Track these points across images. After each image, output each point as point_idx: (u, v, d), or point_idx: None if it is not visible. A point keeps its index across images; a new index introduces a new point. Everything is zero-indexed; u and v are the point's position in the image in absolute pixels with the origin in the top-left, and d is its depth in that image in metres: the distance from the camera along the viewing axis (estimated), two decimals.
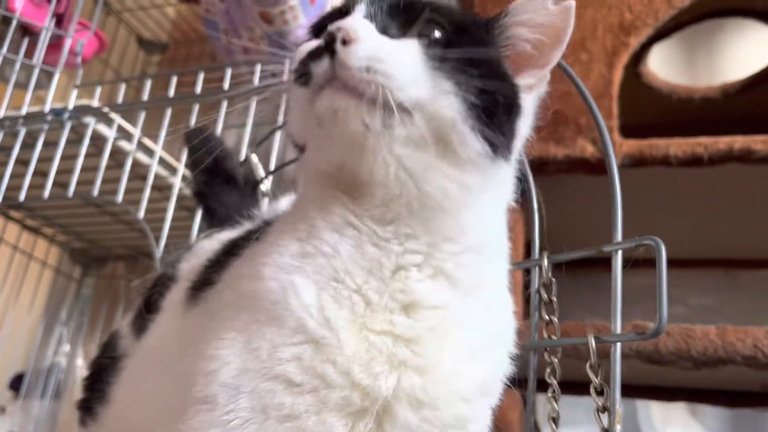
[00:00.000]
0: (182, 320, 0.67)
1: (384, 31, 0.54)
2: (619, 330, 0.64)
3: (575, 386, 0.77)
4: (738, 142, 1.27)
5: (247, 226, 0.84)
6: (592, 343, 0.64)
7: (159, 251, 1.24)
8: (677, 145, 1.31)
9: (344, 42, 0.50)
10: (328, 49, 0.51)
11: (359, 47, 0.50)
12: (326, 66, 0.51)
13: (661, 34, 1.53)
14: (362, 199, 0.55)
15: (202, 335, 0.58)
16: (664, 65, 1.72)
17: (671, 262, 0.63)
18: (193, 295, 0.66)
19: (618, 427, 0.60)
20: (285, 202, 0.89)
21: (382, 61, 0.51)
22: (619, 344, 0.64)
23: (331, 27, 0.51)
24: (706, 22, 1.58)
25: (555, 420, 0.67)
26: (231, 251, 0.67)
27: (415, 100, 0.51)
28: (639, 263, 0.67)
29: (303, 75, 0.53)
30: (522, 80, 0.60)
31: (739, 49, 1.77)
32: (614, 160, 0.72)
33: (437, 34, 0.55)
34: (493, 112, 0.54)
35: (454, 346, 0.54)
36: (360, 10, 0.56)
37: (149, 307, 0.80)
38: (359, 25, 0.52)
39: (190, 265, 0.79)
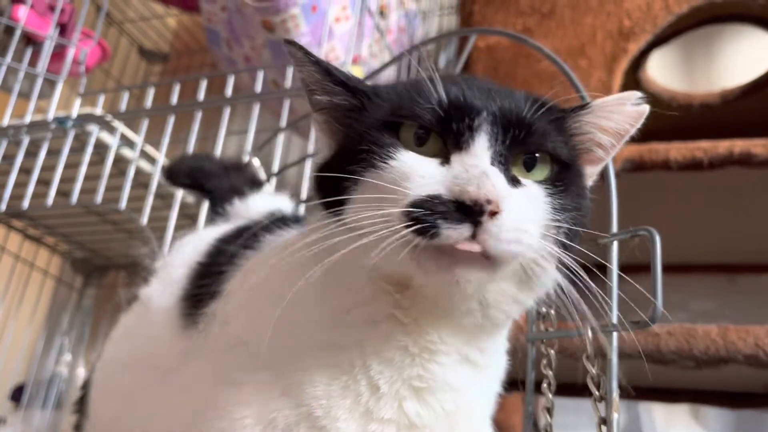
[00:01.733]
0: (180, 338, 0.67)
1: (507, 174, 0.51)
2: (615, 321, 0.65)
3: (578, 389, 0.78)
4: (738, 146, 1.28)
5: (223, 224, 0.86)
6: (589, 333, 0.65)
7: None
8: (677, 150, 1.31)
9: (491, 213, 0.47)
10: (473, 219, 0.47)
11: (508, 220, 0.47)
12: (467, 234, 0.47)
13: (660, 41, 1.55)
14: (418, 304, 0.54)
15: (212, 364, 0.60)
16: (663, 71, 1.73)
17: (672, 268, 0.64)
18: (190, 312, 0.67)
19: (615, 415, 0.61)
20: (258, 200, 0.90)
21: (528, 233, 0.48)
22: (615, 334, 0.65)
23: (478, 194, 0.46)
24: (705, 29, 1.59)
25: (549, 410, 0.68)
26: (224, 260, 0.68)
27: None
28: (636, 269, 0.67)
29: (427, 228, 0.47)
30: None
31: (738, 55, 1.78)
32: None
33: (549, 172, 0.54)
34: (573, 239, 0.54)
35: (465, 424, 0.56)
36: (483, 147, 0.50)
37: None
38: (505, 193, 0.48)
39: (172, 261, 0.80)
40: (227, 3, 1.61)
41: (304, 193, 1.18)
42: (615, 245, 0.68)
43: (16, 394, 1.89)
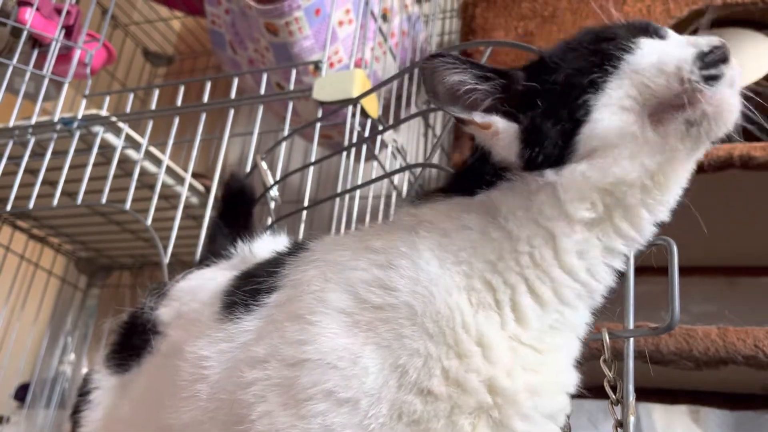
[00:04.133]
0: (230, 327, 0.65)
1: None
2: (632, 326, 0.65)
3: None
4: (738, 148, 1.29)
5: (228, 264, 0.85)
6: (606, 338, 0.66)
7: (166, 260, 1.26)
8: None
9: None
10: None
11: None
12: None
13: None
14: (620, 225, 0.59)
15: (300, 324, 0.58)
16: None
17: None
18: (245, 302, 0.65)
19: (632, 418, 0.62)
20: (262, 243, 0.88)
21: None
22: (632, 339, 0.66)
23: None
24: (704, 33, 1.60)
25: (567, 414, 0.69)
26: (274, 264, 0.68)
27: None
28: (640, 272, 0.68)
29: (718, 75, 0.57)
30: None
31: (738, 59, 1.79)
32: None
33: None
34: None
35: (564, 356, 0.61)
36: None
37: (127, 346, 0.81)
38: None
39: (185, 304, 0.78)
40: (231, 6, 1.63)
41: (306, 198, 1.20)
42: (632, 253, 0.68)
43: (20, 393, 1.91)
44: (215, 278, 0.79)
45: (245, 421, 0.56)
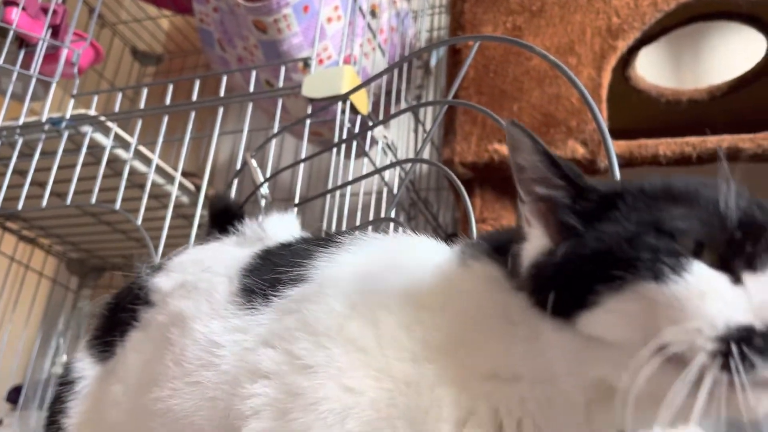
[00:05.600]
0: (246, 317, 0.62)
1: None
2: None
3: None
4: (725, 141, 1.30)
5: (234, 240, 0.82)
6: None
7: (158, 260, 1.25)
8: (666, 145, 1.33)
9: None
10: None
11: None
12: None
13: (648, 38, 1.56)
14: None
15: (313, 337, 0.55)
16: (651, 69, 1.75)
17: None
18: (264, 293, 0.63)
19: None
20: (275, 221, 0.87)
21: None
22: None
23: None
24: (692, 26, 1.61)
25: None
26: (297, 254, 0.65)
27: None
28: None
29: (744, 365, 0.40)
30: None
31: (725, 52, 1.80)
32: (614, 154, 0.74)
33: None
34: None
35: None
36: None
37: (113, 326, 0.77)
38: None
39: (190, 274, 0.74)
40: (219, 4, 1.62)
41: (297, 196, 1.20)
42: None
43: (13, 396, 1.89)
44: (225, 252, 0.76)
45: None
